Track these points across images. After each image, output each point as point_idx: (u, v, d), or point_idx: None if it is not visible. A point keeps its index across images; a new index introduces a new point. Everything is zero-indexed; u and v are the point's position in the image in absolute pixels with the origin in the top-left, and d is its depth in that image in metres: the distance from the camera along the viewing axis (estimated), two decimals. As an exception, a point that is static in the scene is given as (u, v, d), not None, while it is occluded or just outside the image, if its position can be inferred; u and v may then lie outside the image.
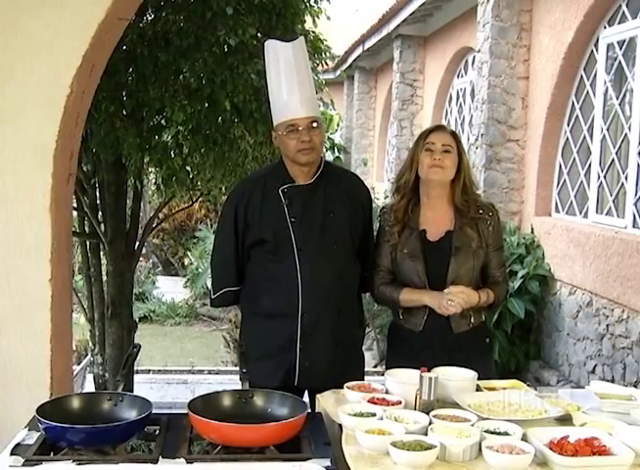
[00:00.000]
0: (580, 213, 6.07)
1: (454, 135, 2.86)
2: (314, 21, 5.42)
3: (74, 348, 8.30)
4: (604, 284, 5.25)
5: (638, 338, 4.82)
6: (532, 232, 6.47)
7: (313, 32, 5.45)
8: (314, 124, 2.78)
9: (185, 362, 8.83)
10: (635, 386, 4.70)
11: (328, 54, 5.65)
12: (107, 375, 5.68)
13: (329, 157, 13.30)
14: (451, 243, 2.80)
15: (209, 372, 8.19)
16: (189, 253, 12.79)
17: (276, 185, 2.83)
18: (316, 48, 5.42)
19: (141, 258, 12.76)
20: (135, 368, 6.62)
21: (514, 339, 6.14)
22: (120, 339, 5.61)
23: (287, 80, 2.78)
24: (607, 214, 5.64)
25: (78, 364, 7.30)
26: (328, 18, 5.61)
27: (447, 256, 2.79)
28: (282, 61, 2.79)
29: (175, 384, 7.72)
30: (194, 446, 2.15)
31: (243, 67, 4.60)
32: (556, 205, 6.51)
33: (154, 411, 2.19)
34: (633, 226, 5.24)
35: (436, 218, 2.85)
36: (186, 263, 12.92)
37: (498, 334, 5.95)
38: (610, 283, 5.17)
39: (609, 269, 5.18)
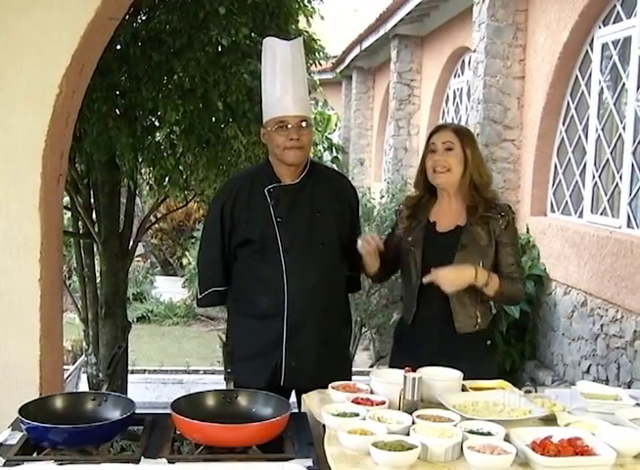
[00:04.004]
0: (575, 213, 6.06)
1: (457, 132, 2.80)
2: (308, 20, 5.43)
3: (70, 348, 8.32)
4: (598, 284, 5.25)
5: (632, 338, 4.81)
6: (528, 232, 6.46)
7: (307, 32, 5.45)
8: (304, 124, 2.78)
9: (182, 362, 8.83)
10: (629, 386, 4.69)
11: (321, 54, 5.65)
12: (100, 375, 5.68)
13: (327, 157, 13.30)
14: (459, 239, 2.76)
15: (205, 372, 8.20)
16: (187, 253, 12.79)
17: (262, 185, 2.82)
18: (310, 48, 5.42)
19: (139, 258, 12.79)
20: (130, 368, 6.62)
21: (509, 339, 6.13)
22: (114, 339, 5.61)
23: (282, 78, 2.77)
24: (602, 214, 5.63)
25: (74, 364, 7.30)
26: (322, 17, 5.60)
27: (453, 250, 2.75)
28: (279, 59, 2.79)
29: (171, 384, 7.73)
30: (177, 446, 2.14)
31: (236, 67, 4.60)
32: (551, 204, 6.50)
33: (148, 411, 2.20)
34: (628, 226, 5.23)
35: (450, 212, 2.83)
36: (184, 263, 12.92)
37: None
38: (604, 283, 5.17)
39: (603, 269, 5.17)
